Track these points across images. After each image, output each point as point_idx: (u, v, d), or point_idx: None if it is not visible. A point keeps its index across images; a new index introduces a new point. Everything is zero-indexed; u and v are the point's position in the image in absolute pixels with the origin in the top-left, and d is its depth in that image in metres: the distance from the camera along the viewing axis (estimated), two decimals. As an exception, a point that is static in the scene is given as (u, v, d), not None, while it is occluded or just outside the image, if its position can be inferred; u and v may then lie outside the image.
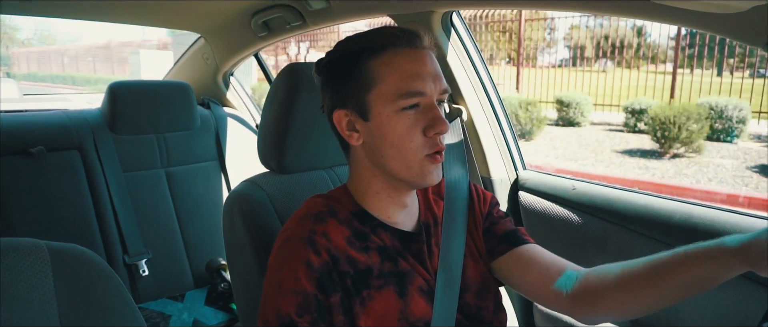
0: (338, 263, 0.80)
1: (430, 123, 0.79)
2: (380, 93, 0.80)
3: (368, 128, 0.82)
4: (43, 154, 1.72)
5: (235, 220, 1.02)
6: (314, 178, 1.11)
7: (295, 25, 1.69)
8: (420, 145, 0.80)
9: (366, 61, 0.81)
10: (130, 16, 2.00)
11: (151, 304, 1.82)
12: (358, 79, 0.81)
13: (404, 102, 0.79)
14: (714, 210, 1.12)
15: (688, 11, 0.88)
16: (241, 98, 2.40)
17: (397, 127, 0.80)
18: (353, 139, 0.84)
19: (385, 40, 0.81)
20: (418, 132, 0.80)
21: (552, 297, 0.86)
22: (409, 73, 0.79)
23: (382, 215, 0.88)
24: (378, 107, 0.80)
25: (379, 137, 0.81)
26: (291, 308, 0.75)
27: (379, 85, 0.80)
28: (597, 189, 1.34)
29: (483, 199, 0.99)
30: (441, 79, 0.82)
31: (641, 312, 0.79)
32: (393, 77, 0.79)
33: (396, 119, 0.79)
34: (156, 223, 1.93)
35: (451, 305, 0.85)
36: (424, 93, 0.79)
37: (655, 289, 0.74)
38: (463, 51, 1.47)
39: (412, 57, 0.81)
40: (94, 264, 0.72)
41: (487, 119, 1.52)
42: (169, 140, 2.01)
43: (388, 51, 0.81)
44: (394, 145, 0.80)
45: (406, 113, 0.79)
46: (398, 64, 0.80)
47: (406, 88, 0.79)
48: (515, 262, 0.91)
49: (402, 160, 0.81)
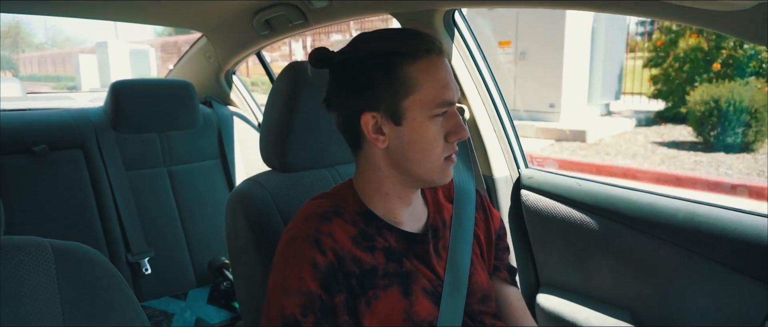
0: (344, 263, 0.80)
1: (454, 129, 0.82)
2: (417, 100, 0.80)
3: (398, 133, 0.81)
4: (46, 152, 1.73)
5: (237, 219, 1.02)
6: (316, 176, 1.11)
7: (298, 24, 1.69)
8: (442, 150, 0.83)
9: (404, 66, 0.79)
10: (132, 14, 2.00)
11: (154, 302, 1.82)
12: (394, 84, 0.79)
13: (439, 110, 0.81)
14: (718, 209, 1.11)
15: (691, 9, 0.88)
16: (243, 97, 2.40)
17: (428, 133, 0.81)
18: (380, 142, 0.83)
19: (420, 46, 0.81)
20: (442, 137, 0.82)
21: None
22: (443, 82, 0.81)
23: (388, 216, 0.88)
24: (413, 113, 0.80)
25: (409, 142, 0.81)
26: (295, 308, 0.76)
27: (417, 92, 0.80)
28: (600, 187, 1.33)
29: (492, 217, 1.03)
30: (457, 86, 0.85)
31: None
32: (431, 85, 0.80)
33: (428, 125, 0.81)
34: (159, 221, 1.93)
35: (458, 307, 0.86)
36: (453, 101, 0.82)
37: None
38: (465, 49, 1.47)
39: (443, 65, 0.83)
40: (98, 262, 0.73)
41: (489, 117, 1.52)
42: (171, 139, 2.02)
43: (424, 58, 0.80)
44: (422, 150, 0.82)
45: (436, 120, 0.81)
46: (434, 73, 0.81)
47: (442, 97, 0.80)
48: (501, 300, 0.99)
49: (426, 164, 0.83)
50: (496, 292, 0.99)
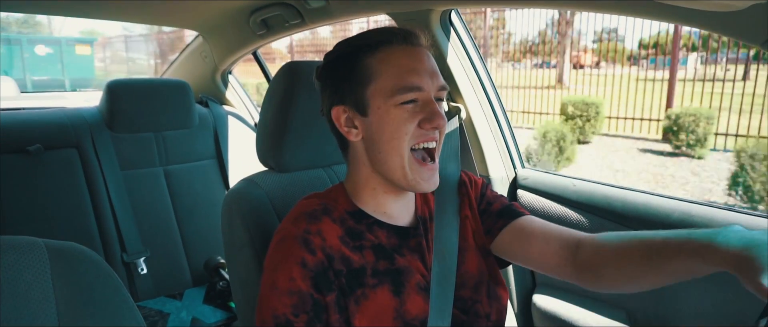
0: (333, 262, 0.80)
1: (428, 116, 0.80)
2: (378, 88, 0.81)
3: (366, 124, 0.83)
4: (40, 152, 1.72)
5: (233, 219, 1.02)
6: (312, 176, 1.11)
7: (294, 24, 1.69)
8: (411, 137, 0.81)
9: (363, 59, 0.82)
10: (128, 14, 2.00)
11: (150, 302, 1.82)
12: (356, 76, 0.82)
13: (402, 97, 0.80)
14: (712, 208, 1.12)
15: (687, 9, 0.88)
16: (239, 97, 2.40)
17: (394, 120, 0.80)
18: (352, 135, 0.85)
19: (381, 37, 0.82)
20: (414, 125, 0.81)
21: (556, 267, 0.87)
22: (406, 68, 0.80)
23: (378, 212, 0.88)
24: (377, 102, 0.81)
25: (377, 132, 0.82)
26: (287, 309, 0.76)
27: (376, 80, 0.81)
28: (595, 187, 1.34)
29: (474, 184, 1.00)
30: (438, 76, 0.83)
31: (637, 289, 0.81)
32: (390, 72, 0.80)
33: (393, 113, 0.80)
34: (154, 221, 1.93)
35: (448, 297, 0.85)
36: (421, 88, 0.80)
37: (648, 272, 0.76)
38: (462, 49, 1.47)
39: (409, 53, 0.82)
40: (93, 262, 0.72)
41: (485, 117, 1.52)
42: (167, 139, 2.01)
43: (384, 47, 0.82)
44: (389, 140, 0.81)
45: (404, 108, 0.80)
46: (395, 60, 0.81)
47: (403, 82, 0.79)
48: (516, 235, 0.92)
49: (396, 157, 0.82)
50: (509, 242, 0.92)
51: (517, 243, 0.91)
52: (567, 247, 0.86)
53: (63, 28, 17.86)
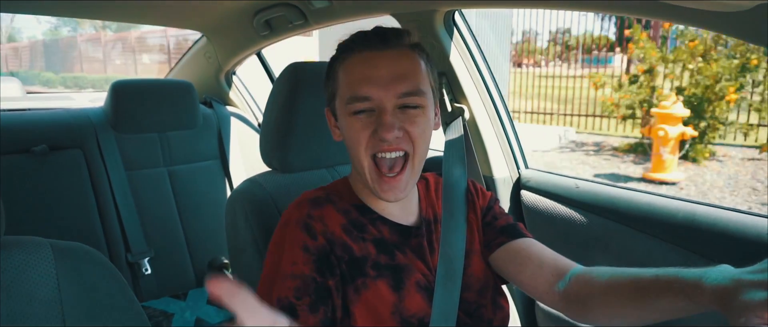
0: (334, 247, 0.81)
1: (376, 127, 0.79)
2: (339, 96, 0.83)
3: (340, 128, 0.86)
4: (45, 152, 1.73)
5: (237, 219, 1.02)
6: (316, 177, 1.11)
7: (298, 24, 1.69)
8: (366, 147, 0.81)
9: (334, 65, 0.85)
10: (132, 14, 2.00)
11: (154, 302, 1.82)
12: (330, 82, 0.86)
13: (352, 107, 0.80)
14: (717, 209, 1.11)
15: (690, 9, 0.88)
16: (243, 97, 2.40)
17: (350, 130, 0.82)
18: (336, 135, 0.89)
19: (351, 44, 0.83)
20: (368, 134, 0.80)
21: (546, 295, 0.86)
22: (359, 77, 0.80)
23: (379, 209, 0.89)
24: (340, 110, 0.84)
25: (345, 138, 0.85)
26: (289, 292, 0.77)
27: (340, 88, 0.83)
28: (599, 188, 1.33)
29: (482, 195, 1.00)
30: (404, 82, 0.80)
31: (624, 324, 0.78)
32: (345, 81, 0.82)
33: (349, 122, 0.81)
34: (158, 221, 1.93)
35: (452, 299, 0.85)
36: (370, 97, 0.79)
37: (636, 309, 0.73)
38: (465, 50, 1.47)
39: (365, 60, 0.80)
40: (98, 262, 0.73)
41: (489, 118, 1.52)
42: (171, 139, 2.02)
43: (345, 55, 0.83)
44: (351, 147, 0.83)
45: (357, 117, 0.80)
46: (351, 68, 0.81)
47: (351, 92, 0.80)
48: (512, 256, 0.91)
49: (357, 164, 0.84)
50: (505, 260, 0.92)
51: (512, 263, 0.90)
52: (559, 276, 0.84)
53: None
